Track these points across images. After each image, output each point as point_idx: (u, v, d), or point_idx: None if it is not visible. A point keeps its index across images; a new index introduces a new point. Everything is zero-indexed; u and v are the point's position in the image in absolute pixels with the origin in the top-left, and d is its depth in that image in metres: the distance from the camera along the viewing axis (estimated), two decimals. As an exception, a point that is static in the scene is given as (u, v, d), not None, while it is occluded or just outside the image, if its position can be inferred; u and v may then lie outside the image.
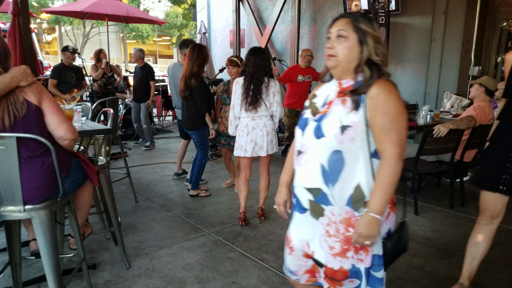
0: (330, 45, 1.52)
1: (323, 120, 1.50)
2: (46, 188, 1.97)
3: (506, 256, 2.99)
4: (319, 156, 1.50)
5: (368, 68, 1.48)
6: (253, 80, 3.32)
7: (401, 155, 1.43)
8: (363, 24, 1.48)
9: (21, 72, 1.89)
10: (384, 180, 1.43)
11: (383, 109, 1.43)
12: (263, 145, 3.44)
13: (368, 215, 1.44)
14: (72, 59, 6.03)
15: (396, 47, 6.89)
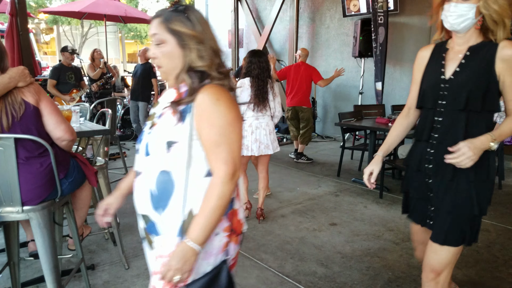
0: (152, 54, 1.28)
1: (151, 135, 1.29)
2: (45, 189, 1.97)
3: (505, 256, 2.99)
4: (148, 178, 1.28)
5: (187, 75, 1.24)
6: (259, 81, 3.44)
7: (231, 174, 1.20)
8: (176, 23, 1.23)
9: (19, 73, 1.89)
10: (209, 204, 1.19)
11: (209, 120, 1.19)
12: (268, 144, 3.55)
13: (185, 244, 1.18)
14: (71, 60, 6.02)
15: (394, 46, 6.90)
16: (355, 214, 3.84)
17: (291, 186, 4.77)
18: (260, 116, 3.53)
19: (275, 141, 3.62)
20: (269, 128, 3.57)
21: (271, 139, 3.57)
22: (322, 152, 6.71)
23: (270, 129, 3.58)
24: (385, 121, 4.60)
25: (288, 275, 2.73)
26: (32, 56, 5.19)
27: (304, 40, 8.51)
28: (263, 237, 3.34)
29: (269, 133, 3.57)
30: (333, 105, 8.16)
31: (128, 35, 30.10)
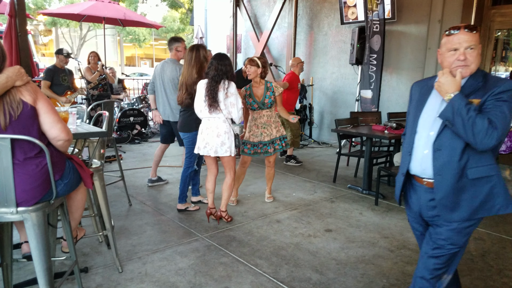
0: None
1: None
2: (40, 190, 1.96)
3: (499, 265, 3.00)
4: None
5: None
6: (212, 82, 3.47)
7: None
8: None
9: (16, 72, 1.89)
10: None
11: None
12: (213, 146, 3.53)
13: None
14: (65, 63, 6.01)
15: (391, 54, 6.95)
16: (350, 221, 3.84)
17: (286, 191, 4.77)
18: (211, 117, 3.52)
19: (224, 145, 3.52)
20: (219, 131, 3.51)
21: (218, 142, 3.51)
22: (318, 158, 6.72)
23: (220, 132, 3.51)
24: (381, 128, 4.62)
25: (282, 281, 2.73)
26: (30, 57, 5.19)
27: (302, 47, 8.55)
28: (258, 243, 3.33)
29: (217, 135, 3.51)
30: (330, 111, 8.19)
31: (126, 38, 30.15)
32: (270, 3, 8.96)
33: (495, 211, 1.79)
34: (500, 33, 6.56)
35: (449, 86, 1.73)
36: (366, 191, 4.69)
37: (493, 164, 1.79)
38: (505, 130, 1.65)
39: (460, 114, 1.66)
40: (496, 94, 1.69)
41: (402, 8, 6.73)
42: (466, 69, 1.76)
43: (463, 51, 1.75)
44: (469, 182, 1.77)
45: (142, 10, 29.48)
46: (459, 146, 1.74)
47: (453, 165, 1.76)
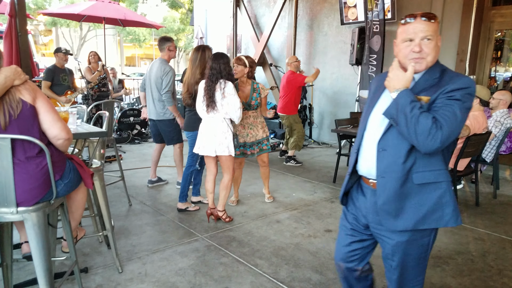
0: None
1: None
2: (40, 190, 1.96)
3: (499, 265, 3.00)
4: None
5: None
6: (209, 81, 3.47)
7: None
8: None
9: (13, 71, 1.89)
10: None
11: None
12: (212, 146, 3.54)
13: None
14: (65, 61, 5.99)
15: (391, 55, 6.94)
16: (350, 221, 3.83)
17: (287, 191, 4.77)
18: (209, 117, 3.54)
19: (222, 144, 3.52)
20: (216, 131, 3.51)
21: (216, 141, 3.52)
22: (318, 158, 6.72)
23: (217, 132, 3.51)
24: (382, 129, 4.61)
25: (282, 281, 2.73)
26: (30, 57, 5.19)
27: (302, 47, 8.55)
28: (258, 243, 3.33)
29: (214, 135, 3.52)
30: (330, 111, 8.19)
31: (126, 38, 30.16)
32: (270, 3, 8.97)
33: (444, 223, 1.63)
34: (500, 33, 6.57)
35: (398, 82, 1.58)
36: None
37: (442, 169, 1.64)
38: (454, 132, 1.50)
39: (403, 112, 1.51)
40: (449, 92, 1.53)
41: (402, 9, 6.73)
42: (422, 62, 1.60)
43: (418, 42, 1.58)
44: (414, 188, 1.61)
45: (142, 10, 29.49)
46: (405, 147, 1.59)
47: (397, 167, 1.60)
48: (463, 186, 5.05)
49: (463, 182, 5.09)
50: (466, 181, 5.26)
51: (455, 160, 4.00)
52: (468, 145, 3.93)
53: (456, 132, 1.51)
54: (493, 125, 4.62)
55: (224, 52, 3.74)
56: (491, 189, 4.92)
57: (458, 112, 1.50)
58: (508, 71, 6.74)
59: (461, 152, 3.95)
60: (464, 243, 3.39)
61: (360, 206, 1.82)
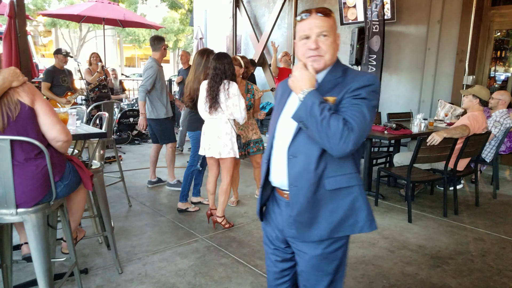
0: None
1: None
2: (39, 192, 1.96)
3: (499, 265, 3.00)
4: None
5: None
6: (212, 82, 3.44)
7: None
8: None
9: (11, 73, 1.89)
10: None
11: None
12: (216, 148, 3.51)
13: None
14: (65, 62, 5.99)
15: (391, 55, 6.95)
16: (350, 221, 3.83)
17: (286, 192, 4.76)
18: (212, 118, 3.50)
19: (226, 146, 3.47)
20: (220, 132, 3.47)
21: (220, 143, 3.47)
22: (318, 159, 6.71)
23: (221, 133, 3.46)
24: (381, 129, 4.62)
25: (282, 281, 2.72)
26: (29, 58, 5.18)
27: (301, 47, 8.55)
28: (258, 243, 3.33)
29: (218, 137, 3.47)
30: (330, 112, 8.18)
31: (126, 39, 30.15)
32: (270, 4, 8.97)
33: (358, 229, 1.55)
34: (499, 33, 6.57)
35: (303, 82, 1.47)
36: (366, 191, 4.69)
37: (353, 173, 1.55)
38: (364, 133, 1.42)
39: (313, 114, 1.40)
40: (353, 91, 1.45)
41: (402, 9, 6.73)
42: (319, 60, 1.51)
43: (314, 39, 1.48)
44: (327, 194, 1.51)
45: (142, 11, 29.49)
46: (315, 152, 1.48)
47: (309, 174, 1.49)
48: (463, 186, 5.05)
49: (463, 182, 5.09)
50: (466, 181, 5.26)
51: (454, 160, 4.00)
52: (468, 145, 3.93)
53: (366, 132, 1.44)
54: (493, 125, 4.62)
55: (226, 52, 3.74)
56: (491, 189, 4.92)
57: (367, 112, 1.43)
58: (508, 71, 6.75)
59: (461, 152, 3.96)
60: (464, 243, 3.39)
61: (277, 220, 1.67)
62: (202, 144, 3.64)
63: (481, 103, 4.18)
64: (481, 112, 4.19)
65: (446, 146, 3.83)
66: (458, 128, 3.95)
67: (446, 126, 5.05)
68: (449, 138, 3.80)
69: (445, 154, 3.89)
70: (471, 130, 3.98)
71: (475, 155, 4.26)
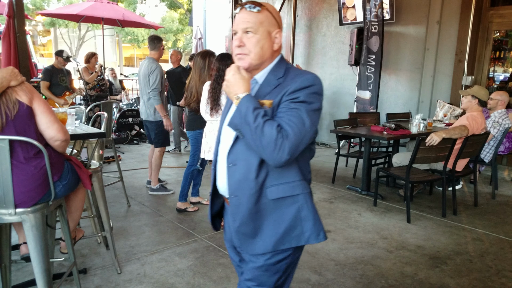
0: None
1: None
2: (38, 191, 1.96)
3: (498, 266, 3.00)
4: None
5: None
6: (215, 83, 3.43)
7: None
8: None
9: (9, 72, 1.89)
10: None
11: None
12: None
13: None
14: (64, 65, 6.01)
15: (390, 55, 6.96)
16: (349, 222, 3.84)
17: (285, 192, 4.76)
18: (214, 120, 3.50)
19: None
20: None
21: None
22: (317, 158, 6.72)
23: None
24: (380, 129, 4.62)
25: (281, 281, 2.72)
26: (28, 58, 5.17)
27: (300, 48, 8.56)
28: (257, 243, 3.33)
29: None
30: (329, 112, 8.19)
31: (125, 39, 30.13)
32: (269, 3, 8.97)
33: (304, 239, 1.46)
34: (498, 34, 6.58)
35: (237, 86, 1.37)
36: (365, 191, 4.69)
37: (298, 180, 1.44)
38: (303, 140, 1.31)
39: (247, 121, 1.30)
40: (291, 93, 1.33)
41: (401, 9, 6.74)
42: (244, 59, 1.39)
43: (240, 35, 1.37)
44: (270, 204, 1.42)
45: (141, 10, 29.46)
46: (255, 160, 1.38)
47: (249, 183, 1.40)
48: (461, 187, 5.05)
49: (461, 183, 5.10)
50: (465, 182, 5.27)
51: (453, 160, 4.00)
52: (467, 145, 3.93)
53: (306, 139, 1.32)
54: (492, 126, 4.63)
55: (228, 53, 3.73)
56: (489, 190, 4.92)
57: (306, 117, 1.31)
58: (507, 72, 6.76)
59: (460, 153, 3.96)
60: (463, 243, 3.39)
61: (228, 228, 1.60)
62: (202, 147, 3.65)
63: (480, 104, 4.18)
64: (480, 113, 4.20)
65: (445, 146, 3.84)
66: (457, 129, 3.95)
67: (445, 127, 5.06)
68: (448, 139, 3.81)
69: (444, 154, 3.90)
70: (470, 131, 3.99)
71: (474, 156, 4.27)
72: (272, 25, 1.42)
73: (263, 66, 1.44)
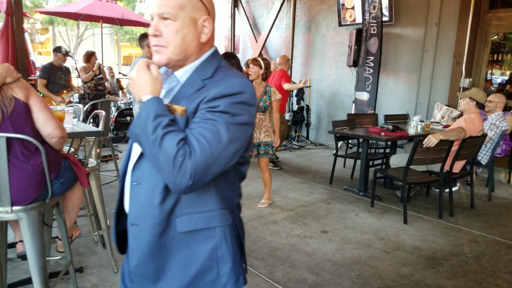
0: None
1: None
2: (35, 189, 1.95)
3: (494, 267, 3.01)
4: None
5: None
6: None
7: None
8: None
9: (5, 69, 1.89)
10: None
11: None
12: None
13: None
14: (63, 61, 5.97)
15: (388, 57, 6.97)
16: (346, 222, 3.85)
17: (283, 192, 4.77)
18: None
19: None
20: None
21: None
22: (315, 159, 6.73)
23: None
24: (378, 130, 4.63)
25: (278, 282, 2.73)
26: (26, 55, 5.17)
27: (299, 48, 8.56)
28: (254, 243, 3.33)
29: None
30: (327, 113, 8.20)
31: (124, 37, 30.09)
32: (268, 4, 8.97)
33: (220, 286, 1.15)
34: (496, 37, 6.60)
35: (142, 86, 1.08)
36: (362, 192, 4.70)
37: (216, 209, 1.14)
38: (215, 161, 1.01)
39: (146, 132, 1.01)
40: (210, 101, 1.04)
41: (400, 11, 6.75)
42: (162, 52, 1.11)
43: (155, 22, 1.09)
44: (180, 238, 1.13)
45: (140, 9, 29.43)
46: (161, 180, 1.09)
47: (153, 210, 1.11)
48: (458, 188, 5.07)
49: (458, 184, 5.11)
50: (462, 183, 5.28)
51: (450, 162, 4.01)
52: (464, 147, 3.94)
53: (220, 159, 1.02)
54: (489, 128, 4.64)
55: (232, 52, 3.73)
56: (486, 192, 4.94)
57: (224, 131, 1.02)
58: (505, 74, 6.78)
59: (457, 154, 3.97)
60: (459, 244, 3.40)
61: (127, 264, 1.29)
62: None
63: (477, 106, 4.19)
64: (477, 115, 4.21)
65: (442, 148, 3.85)
66: (455, 131, 3.96)
67: (442, 128, 5.07)
68: (445, 140, 3.82)
69: (441, 156, 3.91)
70: (467, 133, 4.00)
71: (471, 158, 4.28)
72: (198, 10, 1.11)
73: (188, 62, 1.15)
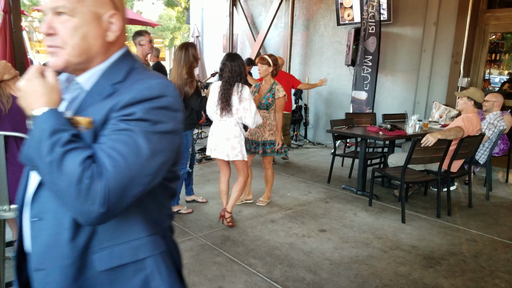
0: None
1: None
2: (33, 188, 1.95)
3: (491, 266, 3.02)
4: None
5: None
6: (226, 84, 3.42)
7: None
8: None
9: (2, 66, 1.89)
10: None
11: None
12: (223, 150, 3.51)
13: None
14: None
15: (387, 56, 6.98)
16: (344, 221, 3.85)
17: (281, 191, 4.77)
18: (222, 120, 3.49)
19: (234, 149, 3.48)
20: (227, 135, 3.47)
21: (228, 146, 3.47)
22: (313, 158, 6.73)
23: (229, 135, 3.46)
24: (376, 130, 4.64)
25: (276, 280, 2.73)
26: (24, 53, 5.15)
27: (297, 47, 8.56)
28: (252, 242, 3.33)
29: (226, 139, 3.47)
30: (325, 112, 8.21)
31: (122, 36, 29.99)
32: (267, 3, 8.96)
33: None
34: (494, 36, 6.62)
35: (33, 97, 0.89)
36: (360, 191, 4.70)
37: (144, 237, 0.97)
38: (135, 179, 0.84)
39: (40, 153, 0.82)
40: (123, 108, 0.87)
41: (398, 10, 6.76)
42: (57, 54, 0.93)
43: (49, 18, 0.92)
44: (102, 278, 0.94)
45: (138, 8, 29.38)
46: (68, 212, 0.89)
47: (62, 249, 0.91)
48: (456, 188, 5.08)
49: (456, 184, 5.12)
50: (460, 183, 5.30)
51: (448, 161, 4.02)
52: (462, 146, 3.95)
53: (141, 178, 0.85)
54: (487, 127, 4.65)
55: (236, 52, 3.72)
56: (484, 191, 4.95)
57: (143, 142, 0.85)
58: (503, 74, 6.80)
59: (455, 154, 3.98)
60: (457, 244, 3.41)
61: None
62: (208, 145, 3.66)
63: (475, 105, 4.20)
64: (475, 114, 4.22)
65: (440, 147, 3.85)
66: (452, 130, 3.97)
67: (440, 128, 5.08)
68: (443, 140, 3.83)
69: (439, 155, 3.91)
70: (465, 132, 4.01)
71: (469, 157, 4.29)
72: (102, 4, 0.95)
73: (92, 65, 0.97)
